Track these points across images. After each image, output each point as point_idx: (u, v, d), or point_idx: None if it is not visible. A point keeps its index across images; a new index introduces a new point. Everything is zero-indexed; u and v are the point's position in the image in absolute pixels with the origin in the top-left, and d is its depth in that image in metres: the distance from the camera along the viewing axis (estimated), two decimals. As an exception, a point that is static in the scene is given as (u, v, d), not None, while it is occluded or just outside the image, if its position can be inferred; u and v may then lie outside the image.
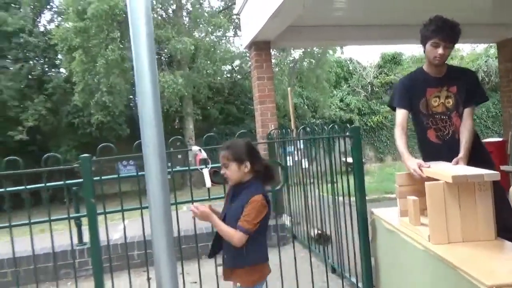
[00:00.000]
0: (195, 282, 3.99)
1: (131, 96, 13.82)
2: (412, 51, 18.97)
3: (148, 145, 2.46)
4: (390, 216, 2.74)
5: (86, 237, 4.94)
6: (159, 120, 2.49)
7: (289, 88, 6.90)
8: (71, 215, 3.05)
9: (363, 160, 4.30)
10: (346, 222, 3.39)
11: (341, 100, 17.73)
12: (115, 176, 3.03)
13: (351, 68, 19.02)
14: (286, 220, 5.65)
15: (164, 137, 2.45)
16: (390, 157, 17.60)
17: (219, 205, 2.53)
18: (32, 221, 2.77)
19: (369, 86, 18.21)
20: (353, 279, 3.45)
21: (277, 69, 13.85)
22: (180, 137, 2.91)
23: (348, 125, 4.48)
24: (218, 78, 14.31)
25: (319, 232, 4.58)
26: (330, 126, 3.39)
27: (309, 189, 4.22)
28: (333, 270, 4.00)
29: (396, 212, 2.68)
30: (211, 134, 3.00)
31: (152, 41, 2.48)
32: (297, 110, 14.90)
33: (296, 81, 15.57)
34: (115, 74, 10.89)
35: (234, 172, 2.21)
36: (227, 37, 14.91)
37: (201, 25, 13.20)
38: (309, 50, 14.32)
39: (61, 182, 2.84)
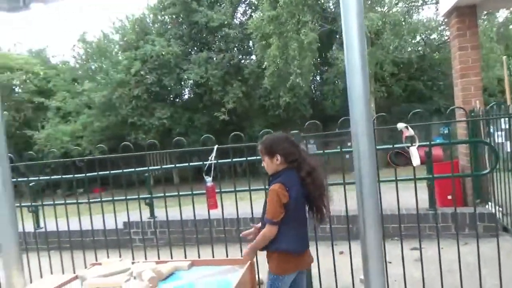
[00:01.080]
0: (390, 262, 3.95)
1: (311, 78, 14.27)
2: None
3: (356, 123, 2.51)
4: None
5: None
6: (367, 98, 2.50)
7: (504, 57, 5.92)
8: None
9: None
10: None
11: None
12: (320, 152, 3.22)
13: None
14: (494, 209, 4.95)
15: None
16: None
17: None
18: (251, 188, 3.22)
19: None
20: None
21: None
22: (385, 114, 2.85)
23: None
24: (404, 52, 13.33)
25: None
26: None
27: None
28: None
29: None
30: (419, 110, 2.84)
31: (362, 21, 2.48)
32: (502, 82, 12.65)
33: (502, 48, 13.17)
34: (309, 56, 11.39)
35: (268, 164, 2.38)
36: (416, 7, 13.67)
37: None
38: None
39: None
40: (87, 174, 3.74)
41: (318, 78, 16.17)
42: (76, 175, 3.79)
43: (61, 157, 9.84)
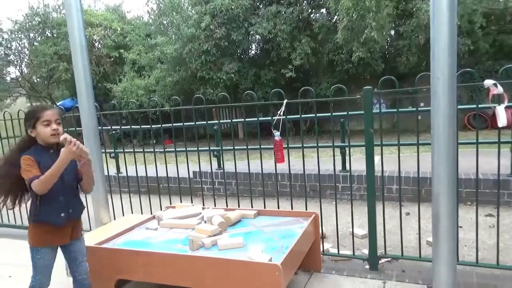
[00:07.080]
0: (461, 227, 3.80)
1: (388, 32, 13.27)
2: None
3: (438, 77, 2.35)
4: None
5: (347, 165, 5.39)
6: (453, 52, 2.29)
7: None
8: (349, 144, 3.32)
9: None
10: None
11: None
12: (394, 110, 3.07)
13: None
14: None
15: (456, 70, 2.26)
16: None
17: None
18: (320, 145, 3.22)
19: None
20: None
21: None
22: (471, 70, 2.61)
23: None
24: (498, 2, 11.78)
25: None
26: None
27: None
28: None
29: None
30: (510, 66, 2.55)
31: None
32: None
33: None
34: (389, 6, 10.51)
35: None
36: None
37: None
38: None
39: (345, 113, 3.11)
40: (163, 125, 3.97)
41: (392, 32, 15.02)
42: (153, 126, 4.05)
43: (136, 109, 10.53)
